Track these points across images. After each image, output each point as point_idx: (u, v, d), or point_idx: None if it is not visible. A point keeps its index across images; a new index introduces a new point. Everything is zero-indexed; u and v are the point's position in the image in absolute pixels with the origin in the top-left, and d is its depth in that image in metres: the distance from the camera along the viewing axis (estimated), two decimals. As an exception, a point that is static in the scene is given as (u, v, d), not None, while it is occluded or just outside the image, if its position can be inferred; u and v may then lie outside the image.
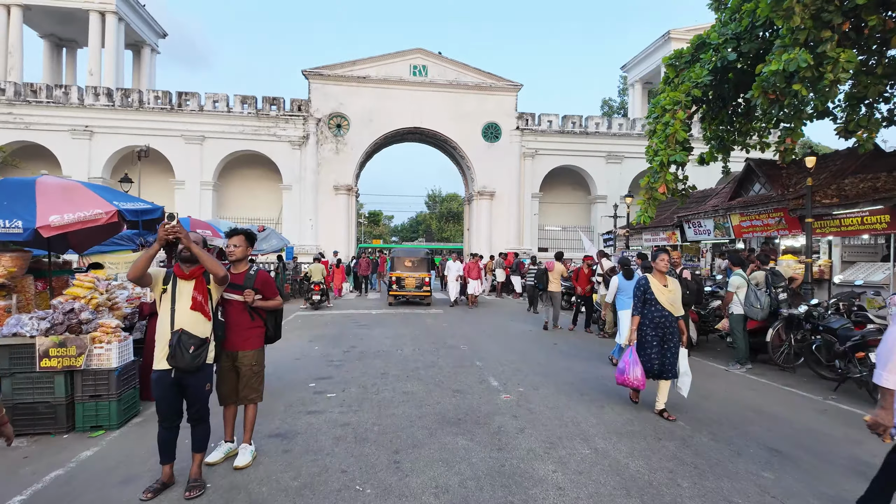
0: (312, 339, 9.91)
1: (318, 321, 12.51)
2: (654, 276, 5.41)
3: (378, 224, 75.88)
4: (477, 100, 26.21)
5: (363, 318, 13.16)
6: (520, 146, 26.42)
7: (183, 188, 24.43)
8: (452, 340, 9.73)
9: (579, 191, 29.14)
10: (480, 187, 26.23)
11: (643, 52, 33.77)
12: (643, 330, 5.33)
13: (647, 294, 5.35)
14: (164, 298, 3.63)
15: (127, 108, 23.81)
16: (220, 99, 24.59)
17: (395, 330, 11.07)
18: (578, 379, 6.79)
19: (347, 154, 25.39)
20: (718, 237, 16.81)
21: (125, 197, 6.18)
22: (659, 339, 5.25)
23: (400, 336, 10.25)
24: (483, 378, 6.74)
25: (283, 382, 6.51)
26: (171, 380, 3.50)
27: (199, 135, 24.33)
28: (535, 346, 9.32)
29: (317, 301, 14.79)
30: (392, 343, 9.44)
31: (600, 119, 27.49)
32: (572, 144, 26.94)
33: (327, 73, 25.04)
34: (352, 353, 8.51)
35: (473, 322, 12.43)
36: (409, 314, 13.92)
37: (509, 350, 8.81)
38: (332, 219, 25.16)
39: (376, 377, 6.76)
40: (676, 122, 10.19)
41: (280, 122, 24.88)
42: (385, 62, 25.51)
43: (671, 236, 19.18)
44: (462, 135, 26.10)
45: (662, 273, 5.42)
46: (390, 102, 25.51)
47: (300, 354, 8.37)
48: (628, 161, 27.32)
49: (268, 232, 16.58)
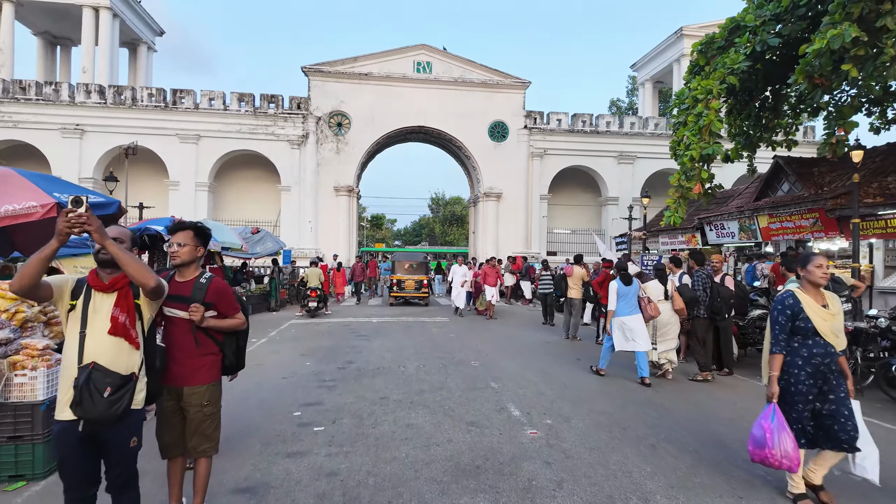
0: (305, 352, 8.87)
1: (314, 331, 11.47)
2: (806, 292, 3.51)
3: (381, 228, 74.97)
4: (483, 98, 25.21)
5: (363, 327, 12.11)
6: (528, 146, 25.39)
7: (177, 189, 23.47)
8: (462, 354, 8.67)
9: (589, 192, 28.06)
10: (487, 188, 25.20)
11: (654, 50, 32.76)
12: (793, 374, 3.46)
13: (797, 319, 3.45)
14: (72, 318, 2.59)
15: (119, 105, 22.91)
16: (216, 96, 23.67)
17: (398, 341, 10.01)
18: (616, 406, 5.71)
19: (348, 154, 24.42)
20: (744, 240, 15.72)
21: (70, 187, 5.15)
22: (818, 388, 3.45)
23: (403, 349, 9.19)
24: (501, 405, 5.68)
25: (263, 410, 5.47)
26: (79, 435, 2.46)
27: (195, 134, 23.40)
28: (557, 362, 8.24)
29: (313, 308, 13.75)
30: (394, 357, 8.38)
31: (611, 118, 26.46)
32: (582, 144, 25.89)
33: (328, 69, 24.10)
34: (348, 370, 7.46)
35: (483, 332, 11.35)
36: (412, 323, 12.87)
37: (528, 367, 7.74)
38: (333, 221, 24.16)
39: (374, 403, 5.71)
40: (711, 112, 9.13)
41: (279, 120, 23.94)
42: (388, 59, 24.56)
43: (691, 239, 18.09)
44: (468, 134, 25.09)
45: (819, 288, 3.53)
46: (393, 100, 24.54)
47: (289, 372, 7.32)
48: (641, 161, 26.25)
49: (262, 234, 15.59)
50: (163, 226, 10.26)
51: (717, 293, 7.32)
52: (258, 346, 9.58)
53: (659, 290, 7.41)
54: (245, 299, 14.04)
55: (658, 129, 26.46)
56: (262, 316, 14.38)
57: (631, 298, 7.01)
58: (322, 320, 13.32)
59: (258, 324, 12.70)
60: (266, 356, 8.54)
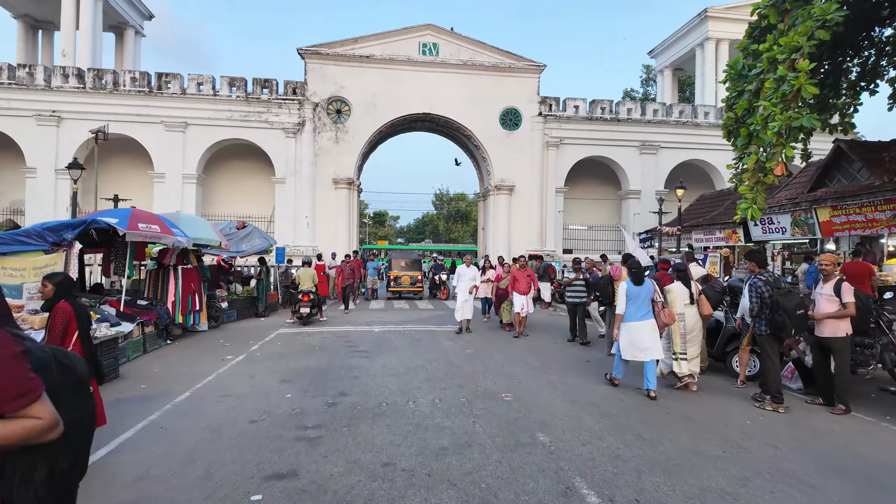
0: (288, 376, 7.00)
1: (304, 344, 9.60)
2: None
3: (384, 225, 73.18)
4: (494, 82, 23.27)
5: (362, 339, 10.24)
6: (542, 134, 23.44)
7: (163, 182, 21.64)
8: (487, 381, 6.79)
9: (607, 185, 26.11)
10: (498, 181, 23.27)
11: (674, 35, 30.86)
12: None
13: None
14: None
15: (100, 90, 21.08)
16: (205, 81, 21.80)
17: (404, 359, 8.14)
18: (735, 482, 3.82)
19: (348, 143, 22.53)
20: (798, 236, 13.77)
21: None
22: None
23: (411, 371, 7.32)
24: (565, 480, 3.79)
25: (210, 486, 3.62)
26: None
27: (181, 121, 21.55)
28: (616, 394, 6.34)
29: (305, 315, 11.89)
30: (400, 385, 6.51)
31: (633, 104, 24.48)
32: (601, 133, 23.93)
33: (326, 51, 22.19)
34: (340, 407, 5.60)
35: (506, 347, 9.46)
36: (420, 333, 10.99)
37: (579, 404, 5.85)
38: (332, 216, 22.29)
39: (374, 476, 3.84)
40: (801, 74, 7.21)
41: (272, 106, 22.06)
42: (391, 39, 22.64)
43: (731, 235, 16.15)
44: (477, 122, 23.18)
45: None
46: (397, 85, 22.63)
47: (261, 410, 5.47)
48: (665, 152, 24.29)
49: (249, 229, 13.78)
50: (118, 218, 8.42)
51: (778, 303, 5.81)
52: (232, 366, 7.73)
53: (683, 293, 6.58)
54: (225, 304, 12.20)
55: (683, 116, 24.48)
56: (247, 323, 12.53)
57: (643, 302, 6.22)
58: (315, 329, 11.46)
59: (240, 333, 10.85)
60: (237, 383, 6.68)
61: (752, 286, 6.07)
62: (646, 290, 6.26)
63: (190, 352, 8.98)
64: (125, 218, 8.33)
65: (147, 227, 8.50)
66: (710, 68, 27.87)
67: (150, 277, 10.52)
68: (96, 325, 6.91)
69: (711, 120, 24.46)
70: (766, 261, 6.79)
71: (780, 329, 5.86)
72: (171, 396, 6.06)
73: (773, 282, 6.07)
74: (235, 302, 13.10)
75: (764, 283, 5.95)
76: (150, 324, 9.21)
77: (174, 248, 10.47)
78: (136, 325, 8.66)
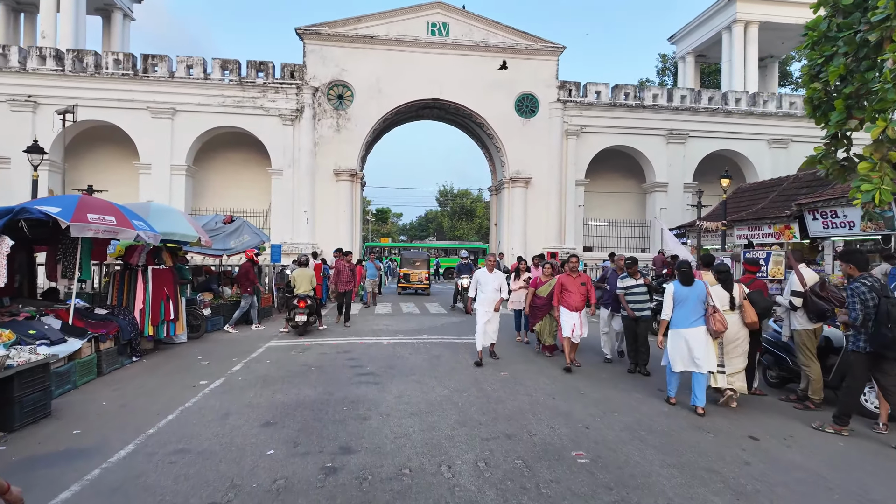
0: (272, 416, 5.24)
1: (297, 363, 7.83)
2: None
3: (386, 222, 71.42)
4: (509, 65, 21.43)
5: (368, 355, 8.46)
6: (561, 122, 21.63)
7: (149, 173, 19.89)
8: (542, 427, 5.00)
9: (629, 178, 24.28)
10: (513, 172, 21.47)
11: (697, 19, 29.00)
12: None
13: None
14: None
15: (80, 73, 19.32)
16: (195, 64, 20.03)
17: (425, 387, 6.36)
18: None
19: (351, 132, 20.75)
20: (871, 231, 11.94)
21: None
22: None
23: (436, 407, 5.54)
24: None
25: None
26: None
27: (169, 107, 19.79)
28: (746, 457, 4.56)
29: (302, 324, 10.12)
30: (425, 434, 4.73)
31: (659, 90, 22.63)
32: (625, 120, 22.11)
33: (327, 31, 20.39)
34: (342, 475, 3.83)
35: (548, 371, 7.65)
36: (438, 345, 9.21)
37: (688, 467, 4.07)
38: (333, 211, 20.54)
39: None
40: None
41: (268, 91, 20.28)
42: (397, 18, 20.83)
43: (782, 231, 14.32)
44: (490, 108, 21.37)
45: None
46: (403, 68, 20.83)
47: (227, 483, 3.70)
48: (694, 141, 22.44)
49: (238, 224, 12.03)
50: (60, 206, 6.65)
51: (887, 315, 4.70)
52: (204, 396, 5.97)
53: (724, 297, 5.84)
54: (208, 311, 10.45)
55: (712, 103, 22.61)
56: (235, 333, 10.76)
57: (693, 305, 5.60)
58: (313, 341, 9.69)
59: (223, 347, 9.10)
60: (203, 428, 4.92)
61: (853, 292, 4.88)
62: (696, 292, 5.59)
63: (156, 374, 7.22)
64: (70, 206, 6.55)
65: (99, 217, 6.71)
66: (739, 53, 25.96)
67: (114, 281, 8.76)
68: (10, 349, 5.13)
69: (743, 107, 22.62)
70: (867, 262, 5.49)
71: (886, 347, 4.73)
72: (106, 452, 4.30)
73: (879, 288, 4.89)
74: (222, 308, 11.33)
75: (869, 288, 4.88)
76: (109, 338, 7.45)
77: (143, 246, 8.74)
78: (88, 341, 6.91)
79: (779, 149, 22.82)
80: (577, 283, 7.61)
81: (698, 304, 5.56)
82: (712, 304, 5.54)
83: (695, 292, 5.59)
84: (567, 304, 7.53)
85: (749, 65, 25.75)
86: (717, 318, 5.45)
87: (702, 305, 5.56)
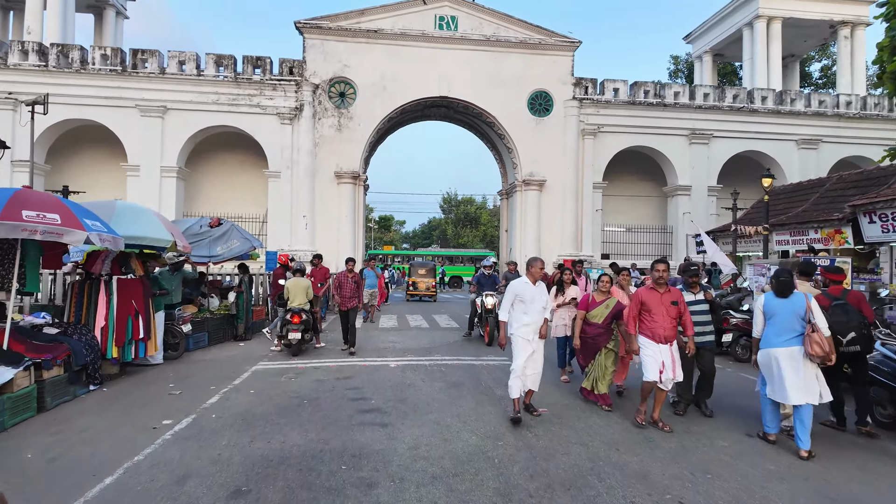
0: (245, 481, 3.85)
1: (287, 393, 6.43)
2: None
3: (389, 230, 70.16)
4: (521, 61, 20.20)
5: (373, 382, 7.06)
6: (577, 121, 20.32)
7: (137, 175, 18.61)
8: (617, 498, 3.61)
9: (648, 181, 22.92)
10: (526, 175, 20.13)
11: (715, 16, 27.82)
12: None
13: None
14: None
15: (64, 70, 18.11)
16: (187, 59, 18.81)
17: (446, 433, 4.95)
18: None
19: (353, 131, 19.48)
20: (944, 235, 10.55)
21: None
22: None
23: (464, 468, 4.13)
24: None
25: None
26: None
27: (160, 105, 18.55)
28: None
29: (296, 342, 8.74)
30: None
31: (680, 87, 21.32)
32: (645, 119, 20.78)
33: (328, 25, 19.18)
34: None
35: (601, 415, 6.20)
36: (454, 368, 7.80)
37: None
38: (334, 215, 19.23)
39: None
40: None
41: (266, 88, 19.05)
42: (403, 11, 19.61)
43: (831, 236, 12.92)
44: (502, 107, 20.09)
45: None
46: (409, 64, 19.60)
47: None
48: (718, 141, 21.10)
49: (226, 228, 10.68)
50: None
51: None
52: (160, 446, 4.59)
53: None
54: (188, 328, 9.07)
55: (737, 101, 21.28)
56: (220, 350, 9.38)
57: (789, 321, 4.67)
58: (308, 363, 8.29)
59: (203, 370, 7.71)
60: (147, 499, 3.53)
61: None
62: (792, 305, 4.69)
63: (113, 409, 5.84)
64: (1, 201, 5.21)
65: (38, 215, 5.36)
66: (761, 51, 24.67)
67: (71, 294, 7.40)
68: None
69: (770, 106, 21.28)
70: None
71: None
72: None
73: None
74: (207, 322, 9.95)
75: None
76: (56, 364, 6.08)
77: (107, 252, 7.40)
78: (24, 369, 5.55)
79: (808, 149, 21.45)
80: (667, 303, 5.22)
81: (795, 320, 4.67)
82: (813, 322, 4.58)
83: (790, 306, 4.71)
84: (651, 331, 5.18)
85: (772, 63, 24.46)
86: (815, 338, 4.48)
87: (799, 322, 4.65)
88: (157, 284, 8.52)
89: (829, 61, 34.26)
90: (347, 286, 9.16)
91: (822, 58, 34.23)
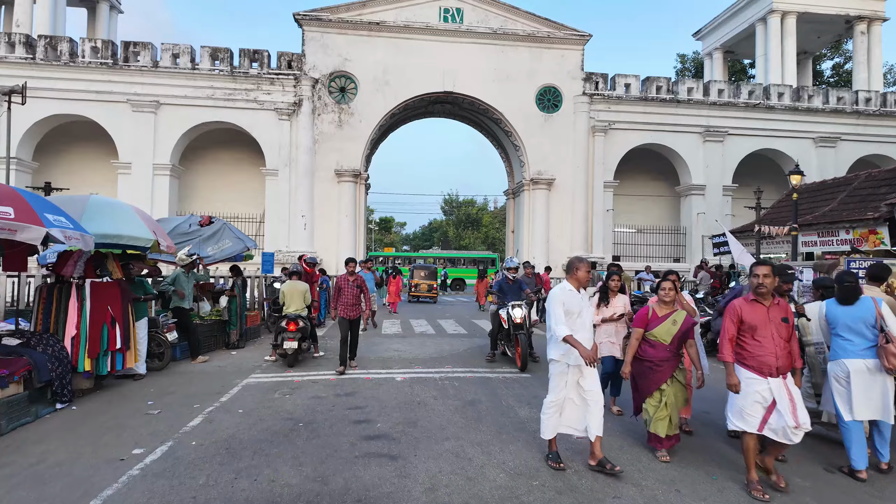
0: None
1: (280, 413, 5.62)
2: None
3: (389, 231, 69.39)
4: (529, 55, 19.46)
5: (377, 400, 6.25)
6: (587, 117, 19.56)
7: (129, 173, 17.84)
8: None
9: (659, 180, 22.16)
10: (534, 173, 19.37)
11: (727, 12, 27.11)
12: None
13: None
14: None
15: (52, 63, 17.35)
16: (181, 52, 18.07)
17: (468, 470, 4.14)
18: None
19: (354, 128, 18.72)
20: None
21: None
22: None
23: (497, 517, 3.33)
24: None
25: None
26: None
27: (152, 100, 17.80)
28: None
29: (292, 351, 7.93)
30: None
31: (694, 83, 20.58)
32: (657, 116, 20.04)
33: (328, 17, 18.44)
34: None
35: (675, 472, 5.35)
36: (468, 382, 7.00)
37: None
38: (334, 215, 18.48)
39: None
40: None
41: (263, 83, 18.29)
42: (406, 3, 18.90)
43: (865, 237, 12.12)
44: (508, 102, 19.35)
45: None
46: (412, 58, 18.85)
47: None
48: (733, 139, 20.36)
49: (217, 226, 9.90)
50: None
51: None
52: (125, 485, 3.79)
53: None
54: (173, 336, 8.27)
55: (753, 98, 20.52)
56: (210, 362, 8.56)
57: (858, 330, 4.05)
58: (304, 375, 7.49)
59: (188, 384, 6.90)
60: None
61: None
62: (860, 312, 4.08)
63: (79, 432, 5.04)
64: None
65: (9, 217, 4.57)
66: (775, 47, 23.91)
67: (39, 299, 6.60)
68: None
69: (787, 102, 20.53)
70: None
71: None
72: None
73: None
74: (200, 329, 9.14)
75: None
76: (13, 381, 5.28)
77: (80, 253, 6.60)
78: (-28, 388, 4.75)
79: (826, 147, 20.68)
80: (777, 319, 3.76)
81: (863, 328, 4.08)
82: (886, 331, 3.99)
83: (857, 314, 4.11)
84: (757, 359, 3.71)
85: (787, 59, 23.70)
86: (889, 349, 3.90)
87: (869, 331, 4.06)
88: (141, 289, 7.72)
89: (841, 59, 33.50)
90: (349, 292, 7.94)
91: (834, 55, 33.45)
